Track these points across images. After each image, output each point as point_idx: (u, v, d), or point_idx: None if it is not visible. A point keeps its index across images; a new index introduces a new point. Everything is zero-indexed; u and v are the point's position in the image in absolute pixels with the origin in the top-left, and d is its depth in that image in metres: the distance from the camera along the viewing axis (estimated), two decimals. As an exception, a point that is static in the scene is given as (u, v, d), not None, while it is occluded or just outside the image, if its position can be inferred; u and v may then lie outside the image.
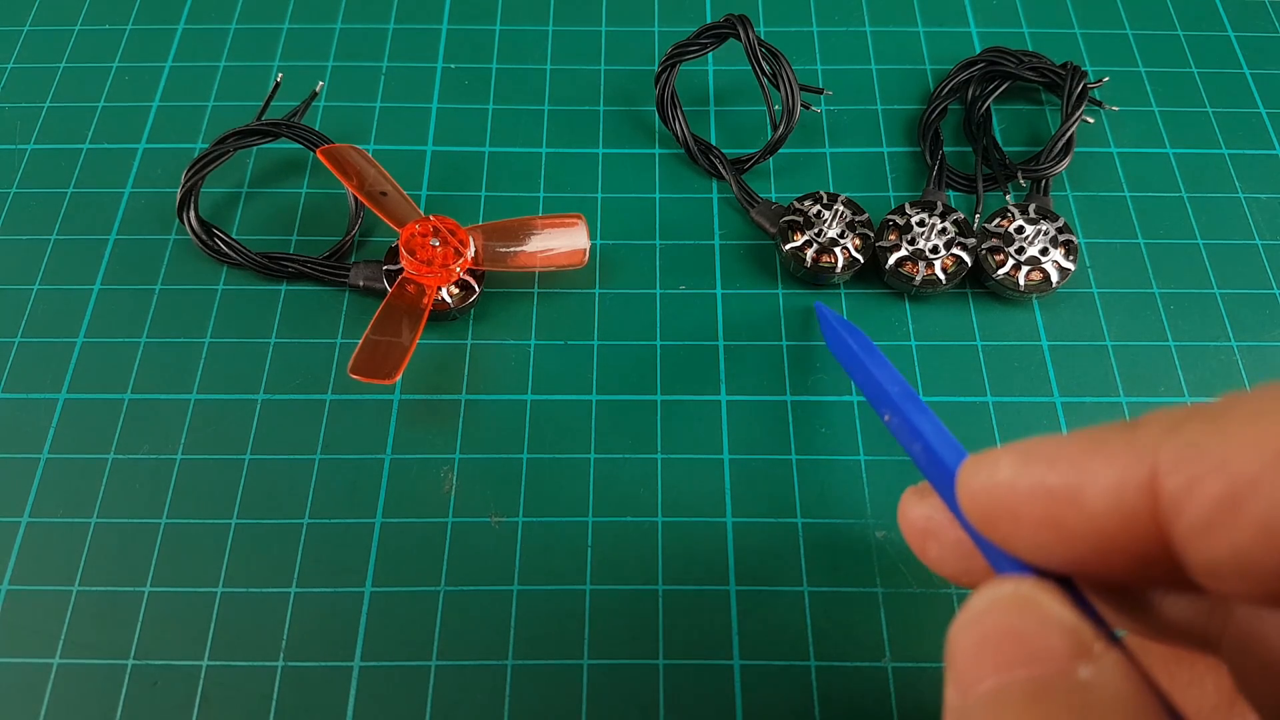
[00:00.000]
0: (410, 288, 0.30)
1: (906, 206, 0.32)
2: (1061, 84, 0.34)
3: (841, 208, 0.31)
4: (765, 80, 0.33)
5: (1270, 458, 0.11)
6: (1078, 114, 0.33)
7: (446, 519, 0.28)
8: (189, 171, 0.31)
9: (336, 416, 0.29)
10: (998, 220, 0.31)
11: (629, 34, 0.38)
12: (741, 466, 0.29)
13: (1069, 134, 0.33)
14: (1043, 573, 0.15)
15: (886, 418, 0.22)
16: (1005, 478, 0.14)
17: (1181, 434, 0.13)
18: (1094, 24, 0.38)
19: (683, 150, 0.34)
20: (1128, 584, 0.16)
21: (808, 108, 0.34)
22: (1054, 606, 0.14)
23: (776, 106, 0.33)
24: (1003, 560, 0.16)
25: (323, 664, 0.26)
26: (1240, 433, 0.12)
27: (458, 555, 0.27)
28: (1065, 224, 0.31)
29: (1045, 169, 0.33)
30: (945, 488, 0.18)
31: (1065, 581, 0.15)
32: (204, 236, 0.31)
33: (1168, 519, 0.13)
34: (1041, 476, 0.14)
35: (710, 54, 0.35)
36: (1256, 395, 0.12)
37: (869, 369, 0.24)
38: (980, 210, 0.33)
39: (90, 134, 0.35)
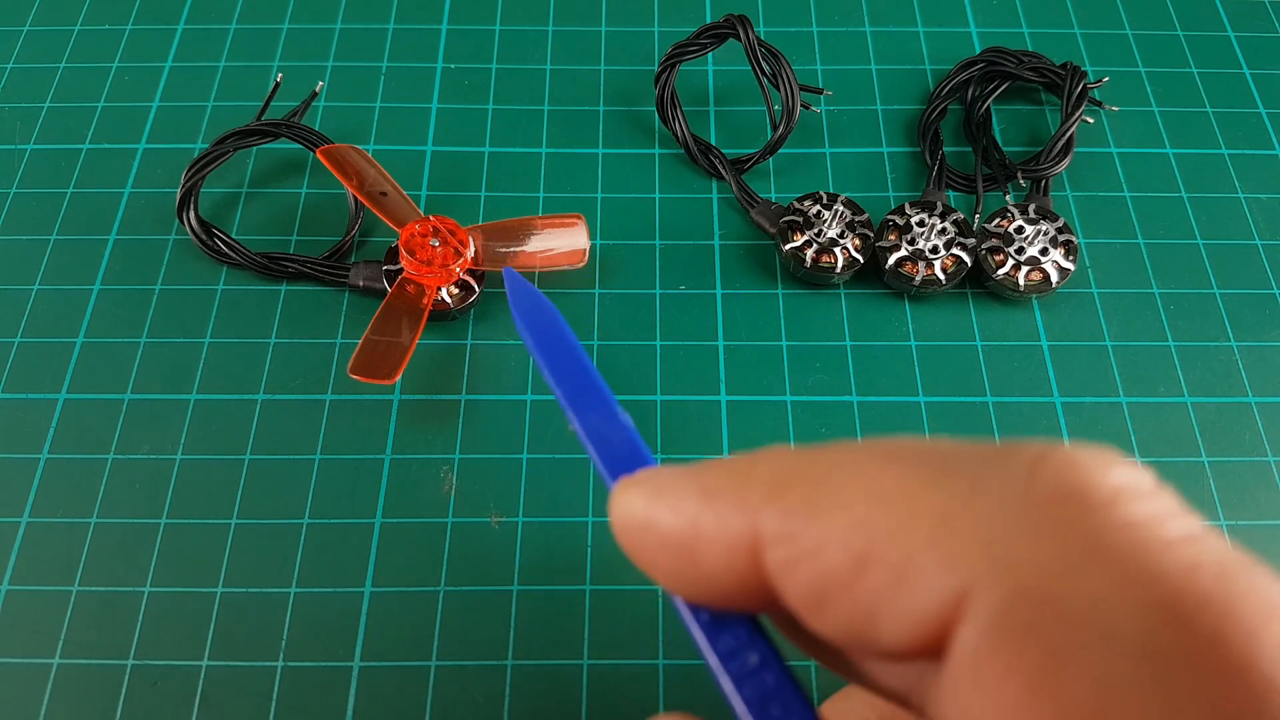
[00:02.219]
0: (410, 288, 0.30)
1: (906, 206, 0.32)
2: (1061, 84, 0.34)
3: (841, 208, 0.31)
4: (765, 80, 0.33)
5: (858, 553, 0.11)
6: (1078, 114, 0.33)
7: (446, 519, 0.28)
8: (189, 171, 0.31)
9: (336, 416, 0.29)
10: (997, 220, 0.31)
11: (629, 34, 0.38)
12: (741, 466, 0.29)
13: (1069, 134, 0.33)
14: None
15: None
16: (639, 517, 0.13)
17: (784, 502, 0.12)
18: (1094, 24, 0.38)
19: (683, 150, 0.34)
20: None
21: (807, 108, 0.34)
22: None
23: (776, 106, 0.33)
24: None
25: (323, 664, 0.26)
26: (835, 517, 0.11)
27: (458, 555, 0.27)
28: (1065, 224, 0.31)
29: (1045, 169, 0.33)
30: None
31: (750, 619, 0.14)
32: (204, 236, 0.31)
33: (774, 588, 0.12)
34: (663, 522, 0.13)
35: (710, 54, 0.35)
36: (858, 464, 0.12)
37: (542, 365, 0.19)
38: (980, 210, 0.33)
39: (90, 134, 0.35)
